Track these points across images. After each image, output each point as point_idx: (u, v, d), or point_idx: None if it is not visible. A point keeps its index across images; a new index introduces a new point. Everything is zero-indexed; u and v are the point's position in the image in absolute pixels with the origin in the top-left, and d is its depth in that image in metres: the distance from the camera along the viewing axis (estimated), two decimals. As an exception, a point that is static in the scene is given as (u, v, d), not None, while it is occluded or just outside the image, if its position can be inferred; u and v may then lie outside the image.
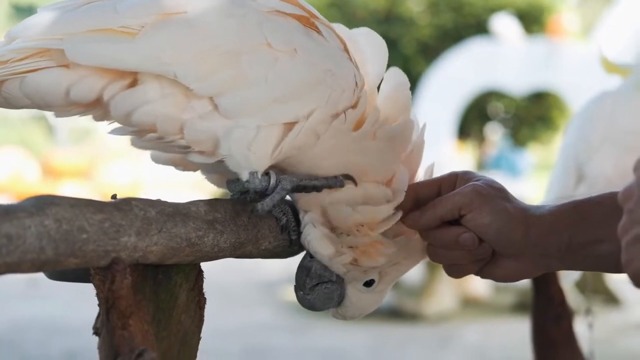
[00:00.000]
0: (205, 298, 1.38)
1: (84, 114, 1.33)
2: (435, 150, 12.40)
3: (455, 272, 1.44)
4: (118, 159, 20.33)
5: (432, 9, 17.10)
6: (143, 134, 1.32)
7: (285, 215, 1.42)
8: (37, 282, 9.83)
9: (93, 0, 1.30)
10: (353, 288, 1.47)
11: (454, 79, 13.73)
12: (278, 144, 1.32)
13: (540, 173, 16.54)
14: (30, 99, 1.28)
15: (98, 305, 1.21)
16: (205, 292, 1.39)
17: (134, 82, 1.28)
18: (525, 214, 1.37)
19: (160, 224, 1.24)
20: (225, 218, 1.35)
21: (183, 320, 1.35)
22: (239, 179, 1.36)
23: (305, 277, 1.45)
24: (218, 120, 1.29)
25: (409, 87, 1.46)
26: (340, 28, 1.44)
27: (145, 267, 1.27)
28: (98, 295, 1.21)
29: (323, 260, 1.44)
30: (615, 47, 12.10)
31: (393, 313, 8.88)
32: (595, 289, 9.10)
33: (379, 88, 1.46)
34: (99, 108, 1.31)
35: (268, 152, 1.32)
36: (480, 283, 9.66)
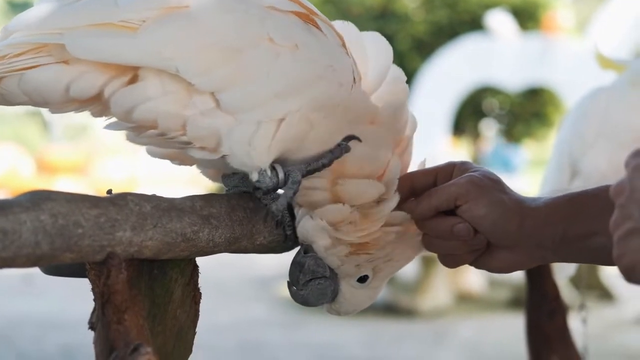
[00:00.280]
0: (201, 293, 1.38)
1: (81, 110, 1.32)
2: (430, 146, 12.41)
3: (450, 262, 1.45)
4: (113, 155, 20.32)
5: (427, 6, 17.12)
6: (143, 130, 1.30)
7: (280, 210, 1.42)
8: (32, 277, 9.84)
9: None
10: (347, 284, 1.47)
11: (449, 75, 13.74)
12: (274, 137, 1.31)
13: (535, 169, 16.57)
14: (29, 96, 1.26)
15: (93, 300, 1.21)
16: (200, 287, 1.39)
17: (135, 78, 1.26)
18: (521, 206, 1.37)
19: (156, 219, 1.24)
20: (221, 213, 1.35)
21: (178, 315, 1.35)
22: (236, 174, 1.36)
23: (299, 272, 1.45)
24: (220, 117, 1.29)
25: (405, 80, 1.46)
26: (350, 27, 1.44)
27: (141, 262, 1.27)
28: (93, 290, 1.21)
29: (319, 252, 1.44)
30: (610, 43, 12.11)
31: (388, 308, 8.89)
32: (590, 285, 9.12)
33: None
34: (98, 104, 1.29)
35: (267, 146, 1.31)
36: (475, 279, 9.68)
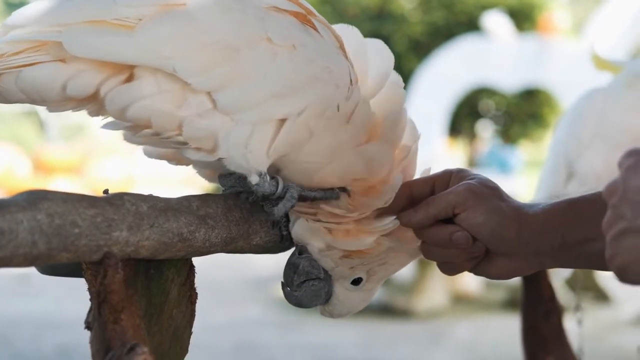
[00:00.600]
0: (197, 293, 1.38)
1: (78, 109, 1.31)
2: (427, 148, 12.39)
3: (449, 269, 1.45)
4: (110, 155, 20.30)
5: (423, 6, 17.11)
6: (138, 130, 1.30)
7: (281, 215, 1.42)
8: (28, 277, 9.83)
9: None
10: (340, 286, 1.47)
11: (445, 76, 13.74)
12: (272, 141, 1.32)
13: (531, 170, 16.56)
14: (26, 94, 1.26)
15: (90, 300, 1.21)
16: (197, 287, 1.39)
17: (131, 77, 1.26)
18: (519, 213, 1.37)
19: (152, 219, 1.24)
20: (217, 213, 1.35)
21: (174, 315, 1.35)
22: (232, 174, 1.36)
23: (293, 273, 1.45)
24: (217, 118, 1.29)
25: (403, 86, 1.46)
26: (354, 32, 1.45)
27: (137, 262, 1.27)
28: (90, 290, 1.21)
29: (313, 253, 1.44)
30: (606, 44, 12.12)
31: (384, 309, 8.90)
32: (586, 286, 9.13)
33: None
34: (94, 103, 1.29)
35: (264, 149, 1.31)
36: (471, 280, 9.69)
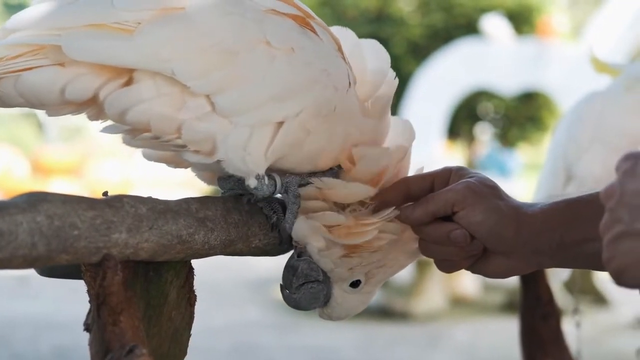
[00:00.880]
0: (196, 295, 1.39)
1: (78, 113, 1.31)
2: (425, 150, 12.42)
3: (447, 267, 1.45)
4: (108, 157, 20.29)
5: (422, 9, 17.12)
6: (137, 133, 1.30)
7: (276, 213, 1.42)
8: (27, 279, 9.82)
9: None
10: (339, 288, 1.47)
11: (444, 79, 13.74)
12: (270, 144, 1.32)
13: (530, 173, 16.59)
14: (25, 98, 1.26)
15: (89, 302, 1.22)
16: (195, 289, 1.39)
17: (130, 80, 1.26)
18: (518, 212, 1.37)
19: (152, 221, 1.24)
20: (216, 215, 1.35)
21: (173, 317, 1.35)
22: (231, 177, 1.37)
23: (292, 276, 1.45)
24: (216, 121, 1.29)
25: (394, 76, 1.47)
26: (348, 33, 1.46)
27: (136, 264, 1.27)
28: (89, 292, 1.21)
29: (313, 253, 1.44)
30: (605, 47, 12.13)
31: (382, 312, 8.90)
32: (584, 289, 9.14)
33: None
34: (94, 107, 1.29)
35: (262, 152, 1.32)
36: (470, 283, 9.69)
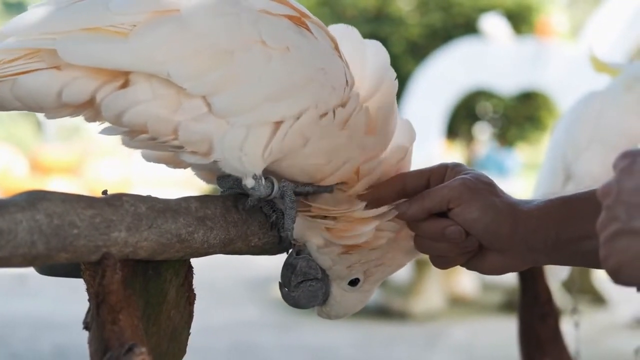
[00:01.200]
0: (195, 294, 1.39)
1: (75, 115, 1.32)
2: (424, 150, 12.42)
3: (442, 263, 1.45)
4: (107, 156, 20.30)
5: (421, 9, 17.14)
6: (134, 135, 1.31)
7: (275, 212, 1.42)
8: (26, 277, 9.82)
9: None
10: (338, 286, 1.48)
11: (443, 79, 13.76)
12: (268, 144, 1.32)
13: (528, 173, 16.59)
14: (22, 102, 1.27)
15: (88, 301, 1.22)
16: (195, 288, 1.39)
17: (126, 83, 1.27)
18: (513, 209, 1.37)
19: (151, 220, 1.24)
20: (216, 214, 1.35)
21: (172, 316, 1.35)
22: (230, 176, 1.37)
23: (291, 274, 1.45)
24: (212, 122, 1.29)
25: (395, 77, 1.47)
26: (353, 32, 1.45)
27: (136, 262, 1.27)
28: (88, 290, 1.21)
29: (312, 250, 1.45)
30: (604, 46, 12.13)
31: (381, 311, 8.89)
32: (582, 289, 9.13)
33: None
34: (91, 109, 1.30)
35: (259, 152, 1.32)
36: (468, 282, 9.69)
